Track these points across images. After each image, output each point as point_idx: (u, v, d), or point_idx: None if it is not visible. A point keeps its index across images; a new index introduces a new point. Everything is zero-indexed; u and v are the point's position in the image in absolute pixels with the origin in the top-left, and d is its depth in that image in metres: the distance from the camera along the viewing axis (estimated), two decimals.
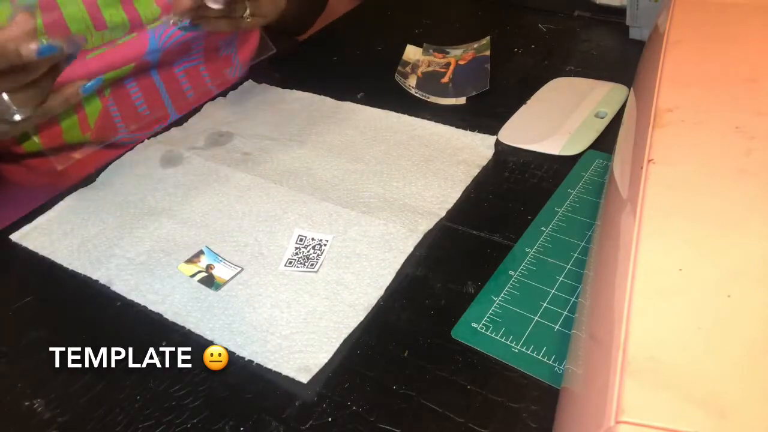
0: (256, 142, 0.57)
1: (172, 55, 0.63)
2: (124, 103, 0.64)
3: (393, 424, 0.34)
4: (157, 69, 0.64)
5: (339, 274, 0.43)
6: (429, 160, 0.53)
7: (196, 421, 0.36)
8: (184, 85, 0.67)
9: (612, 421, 0.22)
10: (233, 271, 0.44)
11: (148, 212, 0.50)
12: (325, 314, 0.40)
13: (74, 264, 0.46)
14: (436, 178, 0.51)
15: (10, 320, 0.43)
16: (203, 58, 0.67)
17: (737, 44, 0.41)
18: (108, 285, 0.44)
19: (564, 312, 0.39)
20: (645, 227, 0.29)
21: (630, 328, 0.25)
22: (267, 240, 0.46)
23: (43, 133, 0.61)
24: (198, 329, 0.40)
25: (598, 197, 0.47)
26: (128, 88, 0.63)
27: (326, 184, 0.51)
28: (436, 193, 0.49)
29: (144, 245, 0.47)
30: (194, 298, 0.42)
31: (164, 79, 0.65)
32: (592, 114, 0.55)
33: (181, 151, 0.57)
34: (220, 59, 0.69)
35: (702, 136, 0.34)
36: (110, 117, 0.63)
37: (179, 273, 0.44)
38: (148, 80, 0.64)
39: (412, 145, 0.55)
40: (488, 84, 0.61)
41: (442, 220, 0.47)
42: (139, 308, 0.42)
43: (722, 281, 0.26)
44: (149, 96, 0.65)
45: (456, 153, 0.53)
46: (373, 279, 0.42)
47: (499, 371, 0.36)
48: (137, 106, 0.65)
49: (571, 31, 0.71)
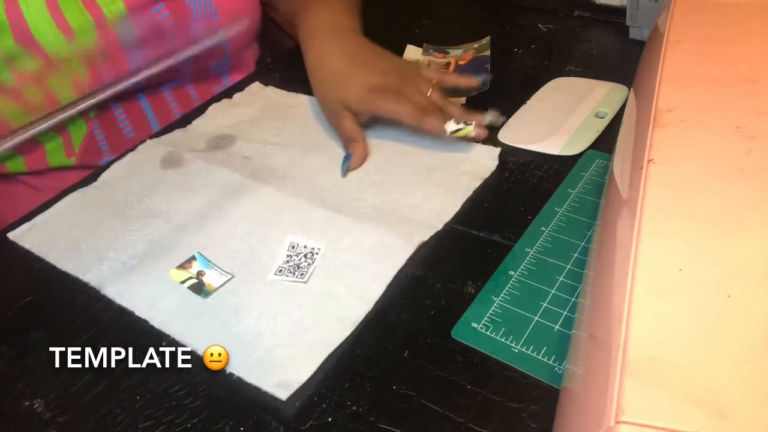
0: (258, 146, 0.57)
1: (160, 77, 0.63)
2: (109, 126, 0.63)
3: (393, 424, 0.34)
4: (143, 92, 0.63)
5: (329, 284, 0.42)
6: (431, 170, 0.52)
7: (196, 421, 0.36)
8: (170, 104, 0.67)
9: (612, 421, 0.22)
10: (224, 278, 0.43)
11: (144, 214, 0.50)
12: (312, 327, 0.40)
13: (67, 266, 0.46)
14: (436, 190, 0.49)
15: (10, 320, 0.43)
16: (191, 78, 0.67)
17: (737, 44, 0.41)
18: (99, 288, 0.44)
19: (564, 312, 0.39)
20: (645, 227, 0.29)
21: (630, 328, 0.25)
22: (260, 247, 0.46)
23: (27, 156, 0.60)
24: (182, 338, 0.40)
25: (598, 197, 0.47)
26: (113, 110, 0.62)
27: (325, 191, 0.51)
28: (436, 206, 0.48)
29: (137, 248, 0.47)
30: (182, 306, 0.42)
31: (151, 102, 0.65)
32: (592, 114, 0.55)
33: (182, 153, 0.56)
34: (209, 77, 0.69)
35: (702, 136, 0.34)
36: (95, 141, 0.62)
37: (169, 278, 0.44)
38: (135, 103, 0.64)
39: (415, 153, 0.54)
40: (488, 84, 0.61)
41: (451, 221, 0.47)
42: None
43: (722, 281, 0.26)
44: (135, 118, 0.64)
45: (459, 163, 0.52)
46: (363, 292, 0.41)
47: (499, 371, 0.36)
48: (122, 128, 0.64)
49: (571, 31, 0.71)
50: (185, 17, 0.61)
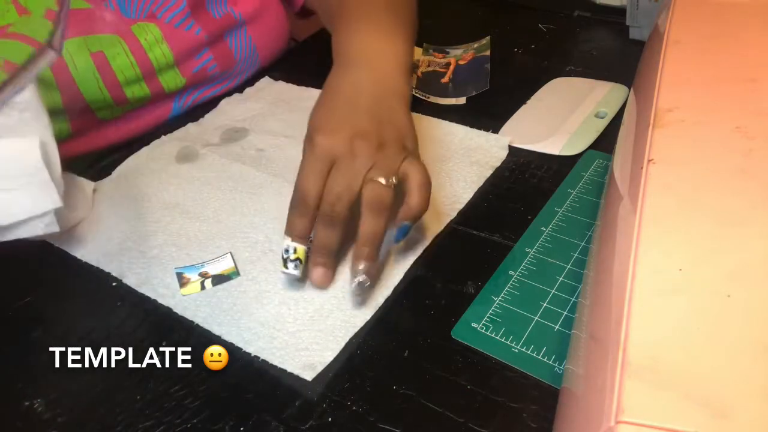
0: (271, 139, 0.57)
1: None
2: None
3: (393, 424, 0.34)
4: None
5: (347, 272, 0.43)
6: (442, 160, 0.53)
7: (196, 421, 0.36)
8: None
9: (612, 421, 0.22)
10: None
11: (161, 206, 0.51)
12: (333, 312, 0.41)
13: (87, 257, 0.47)
14: (448, 179, 0.51)
15: (10, 320, 0.43)
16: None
17: (737, 44, 0.41)
18: (120, 278, 0.45)
19: (564, 312, 0.39)
20: (645, 227, 0.29)
21: (630, 328, 0.25)
22: (278, 237, 0.46)
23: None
24: (206, 324, 0.41)
25: (598, 197, 0.47)
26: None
27: None
28: (448, 194, 0.49)
29: (157, 239, 0.47)
30: (204, 293, 0.43)
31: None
32: (592, 114, 0.55)
33: (196, 148, 0.57)
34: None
35: (702, 136, 0.34)
36: None
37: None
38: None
39: (425, 144, 0.54)
40: (488, 84, 0.61)
41: (453, 221, 0.47)
42: (140, 308, 0.42)
43: (722, 281, 0.26)
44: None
45: (469, 154, 0.53)
46: (382, 278, 0.43)
47: (499, 371, 0.36)
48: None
49: (571, 31, 0.71)
50: (229, 64, 0.64)
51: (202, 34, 0.60)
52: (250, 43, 0.65)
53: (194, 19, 0.60)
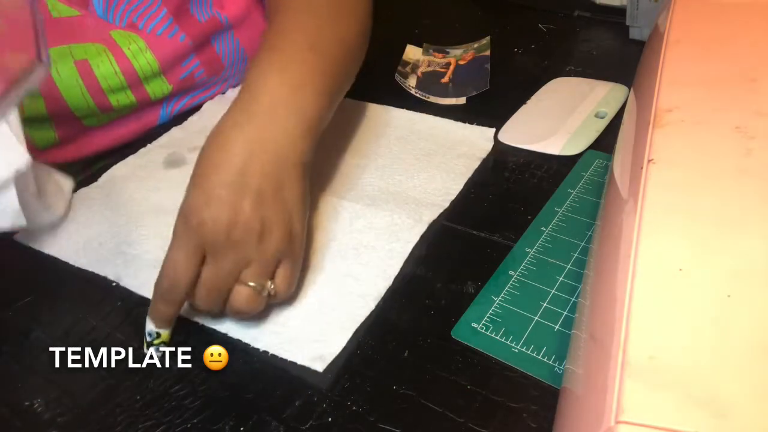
0: None
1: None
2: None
3: (393, 424, 0.34)
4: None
5: (347, 265, 0.44)
6: (430, 154, 0.54)
7: (196, 421, 0.36)
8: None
9: (612, 421, 0.22)
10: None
11: (152, 210, 0.50)
12: (337, 305, 0.41)
13: (81, 261, 0.46)
14: (438, 171, 0.51)
15: (10, 320, 0.43)
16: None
17: (737, 44, 0.41)
18: (116, 281, 0.44)
19: (564, 312, 0.39)
20: (645, 227, 0.29)
21: (630, 328, 0.25)
22: None
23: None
24: (211, 323, 0.41)
25: (598, 197, 0.47)
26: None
27: (328, 179, 0.52)
28: (439, 186, 0.50)
29: (150, 242, 0.47)
30: None
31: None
32: (592, 114, 0.55)
33: (183, 153, 0.57)
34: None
35: (702, 136, 0.34)
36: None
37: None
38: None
39: (413, 139, 0.56)
40: (488, 84, 0.61)
41: (445, 212, 0.47)
42: (141, 308, 0.42)
43: (722, 281, 0.26)
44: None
45: (455, 146, 0.54)
46: (381, 269, 0.43)
47: (499, 371, 0.36)
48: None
49: (571, 31, 0.71)
50: (217, 69, 0.63)
51: (187, 40, 0.59)
52: (238, 46, 0.64)
53: (178, 25, 0.58)
